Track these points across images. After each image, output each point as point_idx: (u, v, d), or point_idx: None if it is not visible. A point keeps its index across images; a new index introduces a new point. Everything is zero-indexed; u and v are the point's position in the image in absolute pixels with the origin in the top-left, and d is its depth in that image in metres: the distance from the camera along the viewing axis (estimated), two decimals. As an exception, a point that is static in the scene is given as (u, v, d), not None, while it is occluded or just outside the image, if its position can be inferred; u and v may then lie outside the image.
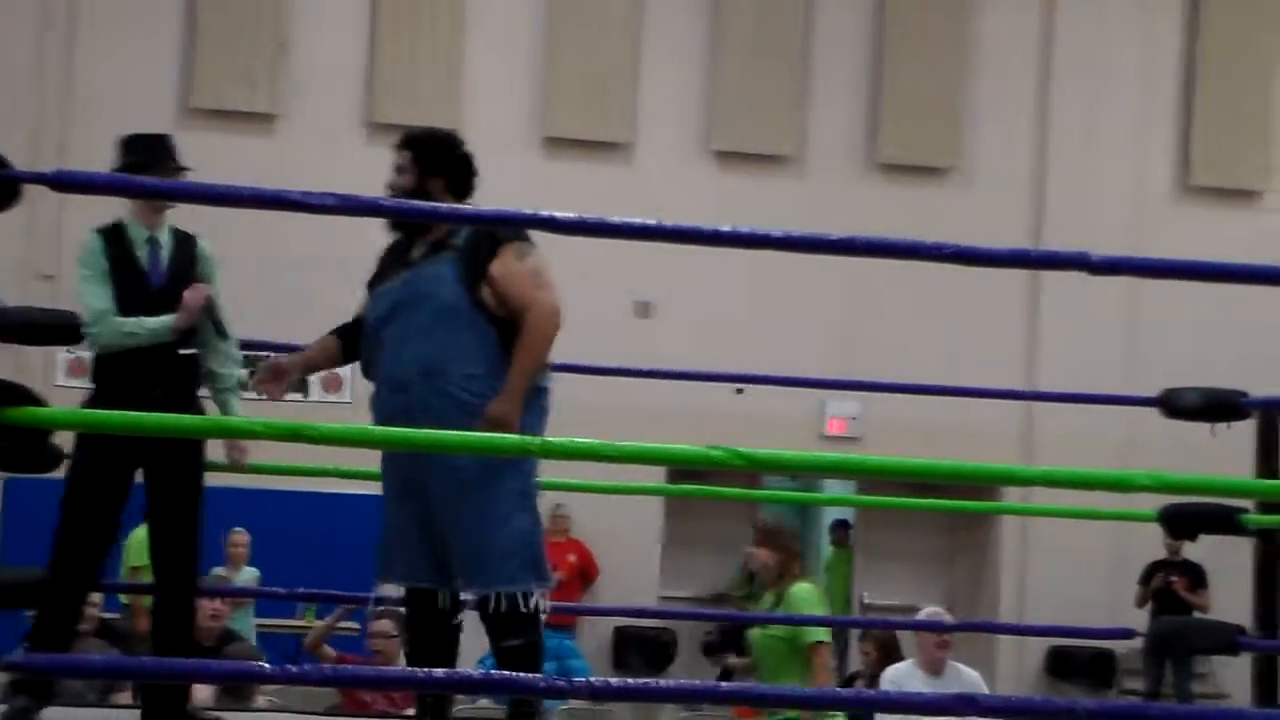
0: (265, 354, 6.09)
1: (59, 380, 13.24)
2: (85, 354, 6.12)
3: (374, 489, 5.98)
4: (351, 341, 5.67)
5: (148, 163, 5.95)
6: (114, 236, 6.00)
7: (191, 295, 5.90)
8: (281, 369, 5.53)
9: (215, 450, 6.18)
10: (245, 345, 6.37)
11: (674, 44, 15.06)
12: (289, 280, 14.10)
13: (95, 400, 5.85)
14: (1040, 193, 15.32)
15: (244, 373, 6.22)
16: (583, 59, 14.85)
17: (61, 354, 13.38)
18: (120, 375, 5.86)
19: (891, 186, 15.14)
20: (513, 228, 5.22)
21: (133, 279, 5.95)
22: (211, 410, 6.13)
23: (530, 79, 14.89)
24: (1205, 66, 15.52)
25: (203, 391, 6.14)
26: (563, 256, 15.08)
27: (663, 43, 15.04)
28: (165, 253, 6.03)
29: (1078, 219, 14.93)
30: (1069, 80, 15.31)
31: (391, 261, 5.57)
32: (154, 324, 5.87)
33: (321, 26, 14.69)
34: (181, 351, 5.95)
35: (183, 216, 6.11)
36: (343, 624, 11.54)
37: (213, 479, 6.14)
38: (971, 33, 15.35)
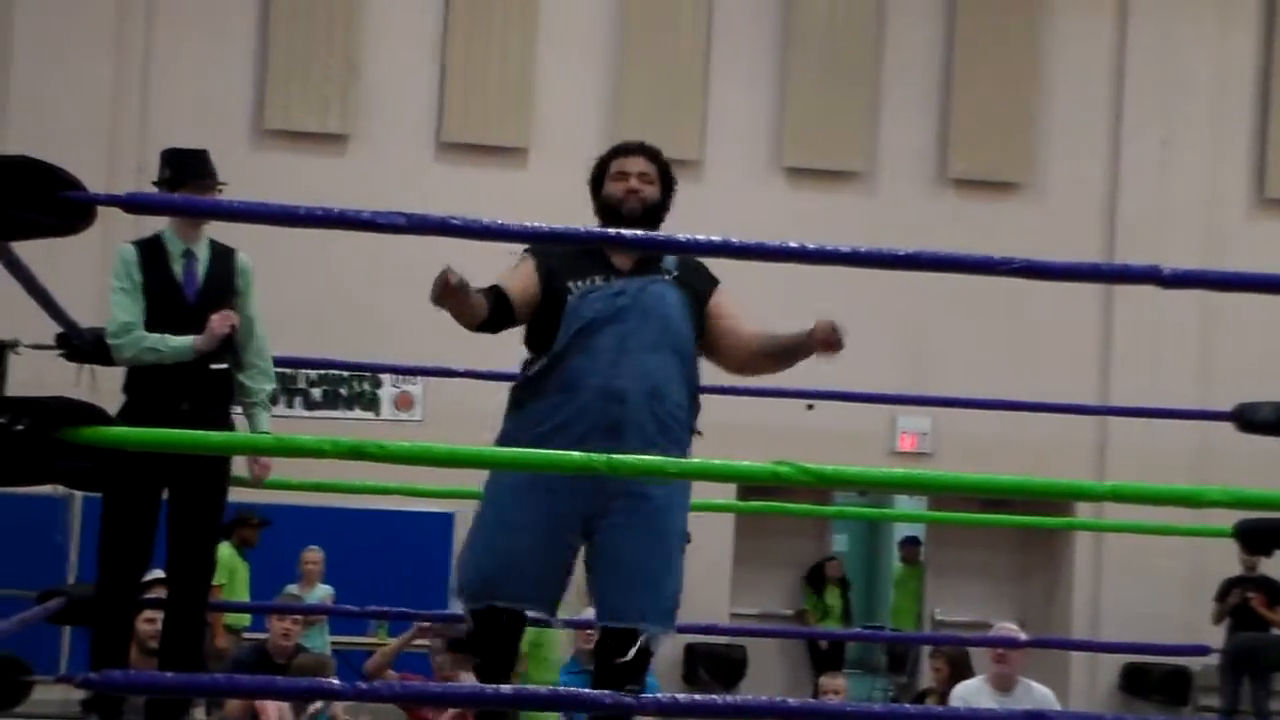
0: (300, 370, 6.12)
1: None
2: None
3: (443, 506, 6.01)
4: (498, 312, 5.18)
5: (184, 178, 5.99)
6: (150, 249, 6.04)
7: (218, 320, 5.90)
8: (449, 286, 4.86)
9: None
10: (279, 362, 6.40)
11: (744, 60, 15.08)
12: (363, 297, 14.19)
13: (125, 413, 5.86)
14: (1113, 207, 15.24)
15: (274, 388, 6.24)
16: (653, 76, 14.90)
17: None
18: (149, 389, 5.89)
19: (963, 202, 15.11)
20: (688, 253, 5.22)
21: (167, 292, 5.98)
22: (241, 426, 6.14)
23: (601, 97, 14.95)
24: (1279, 81, 15.41)
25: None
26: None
27: (733, 59, 15.07)
28: (201, 266, 6.05)
29: (1151, 232, 14.85)
30: (1142, 94, 15.24)
31: (586, 259, 5.22)
32: (177, 343, 5.88)
33: (392, 47, 14.80)
34: (213, 366, 5.95)
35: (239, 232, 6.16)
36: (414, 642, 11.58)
37: (285, 497, 6.19)
38: (1043, 47, 15.30)
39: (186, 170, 6.02)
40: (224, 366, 6.00)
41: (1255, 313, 14.09)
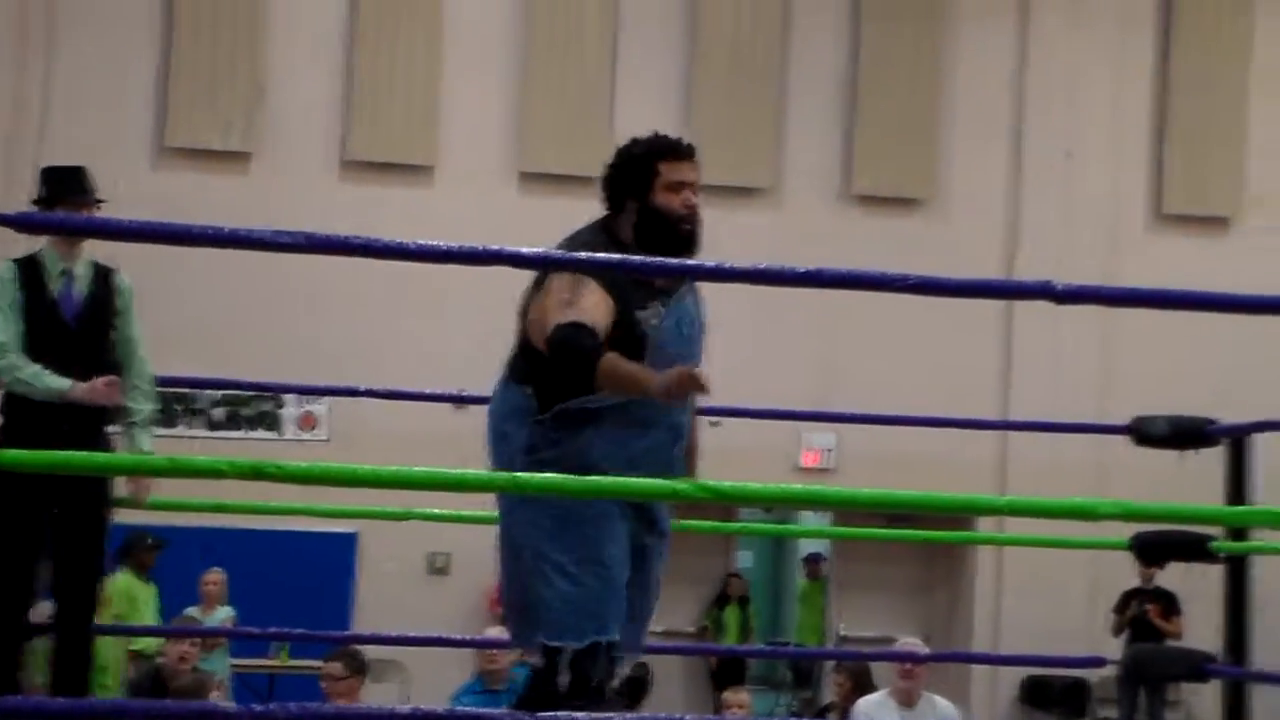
0: (202, 390, 6.04)
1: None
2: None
3: (346, 527, 5.98)
4: None
5: (59, 196, 5.93)
6: (29, 268, 5.96)
7: (105, 389, 5.78)
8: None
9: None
10: (180, 382, 6.35)
11: (649, 78, 15.11)
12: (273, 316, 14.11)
13: (3, 435, 5.80)
14: (1015, 221, 15.38)
15: (155, 408, 6.15)
16: (559, 94, 14.91)
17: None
18: (28, 410, 5.82)
19: (867, 218, 15.21)
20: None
21: (45, 311, 5.91)
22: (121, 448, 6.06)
23: (507, 116, 14.93)
24: (1178, 95, 15.62)
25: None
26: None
27: (638, 77, 15.11)
28: (80, 286, 5.98)
29: (1053, 248, 15.00)
30: (1043, 109, 15.40)
31: (632, 281, 4.69)
32: (52, 383, 5.78)
33: (297, 65, 14.73)
34: None
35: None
36: (301, 662, 11.53)
37: (186, 519, 6.15)
38: (945, 63, 15.43)
39: (62, 188, 5.96)
40: None
41: (1153, 327, 14.29)
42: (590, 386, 4.48)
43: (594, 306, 4.50)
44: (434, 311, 14.34)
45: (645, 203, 4.85)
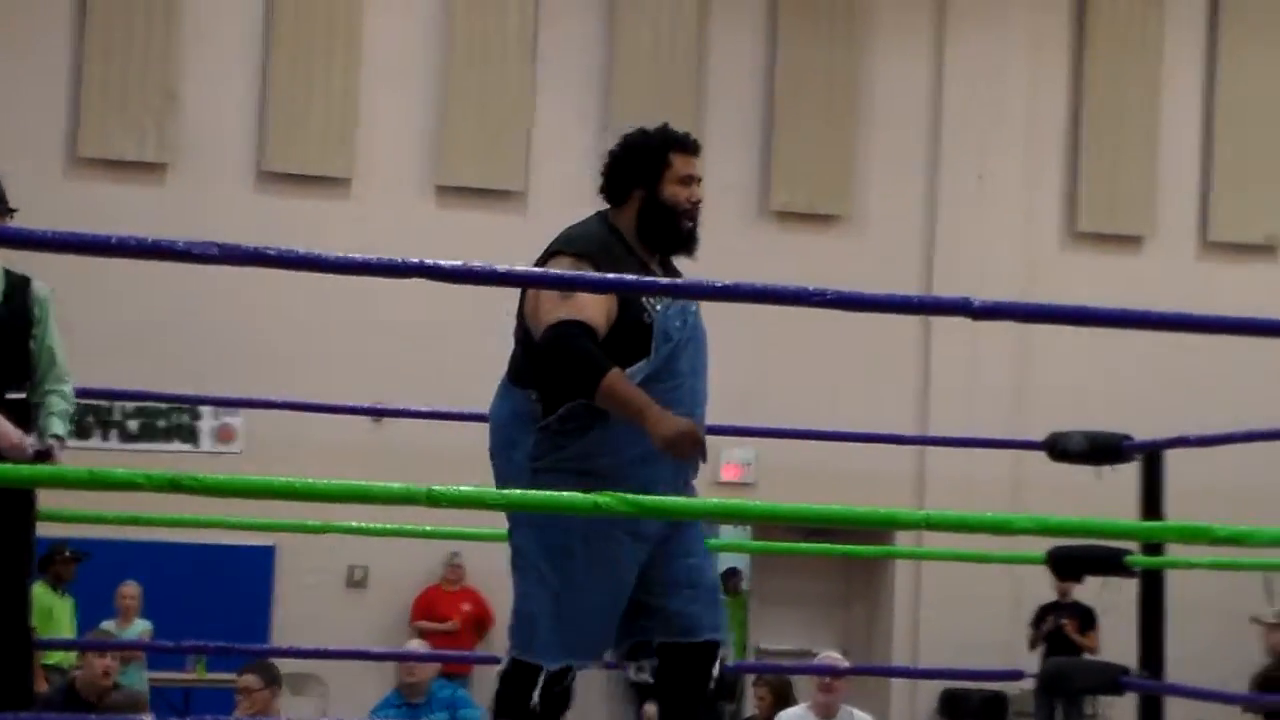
0: (116, 402, 5.94)
1: None
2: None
3: (264, 540, 5.95)
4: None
5: None
6: None
7: (17, 443, 5.65)
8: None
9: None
10: (95, 394, 6.27)
11: (568, 94, 15.11)
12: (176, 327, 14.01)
13: None
14: (931, 239, 15.48)
15: (72, 408, 6.04)
16: (479, 107, 14.87)
17: None
18: None
19: (784, 234, 15.26)
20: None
21: None
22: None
23: (426, 128, 14.89)
24: (1091, 116, 15.77)
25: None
26: (458, 305, 15.17)
27: (557, 93, 15.10)
28: None
29: (969, 265, 15.11)
30: (958, 128, 15.50)
31: (634, 268, 4.67)
32: None
33: (212, 75, 14.63)
34: (9, 396, 5.79)
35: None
36: (218, 676, 11.44)
37: (102, 531, 6.08)
38: (863, 83, 15.51)
39: None
40: (21, 396, 5.83)
41: (1068, 343, 14.45)
42: (587, 393, 4.39)
43: (592, 302, 4.42)
44: (352, 324, 14.27)
45: (653, 193, 4.80)
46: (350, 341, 14.34)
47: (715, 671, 4.74)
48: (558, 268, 4.53)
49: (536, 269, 4.39)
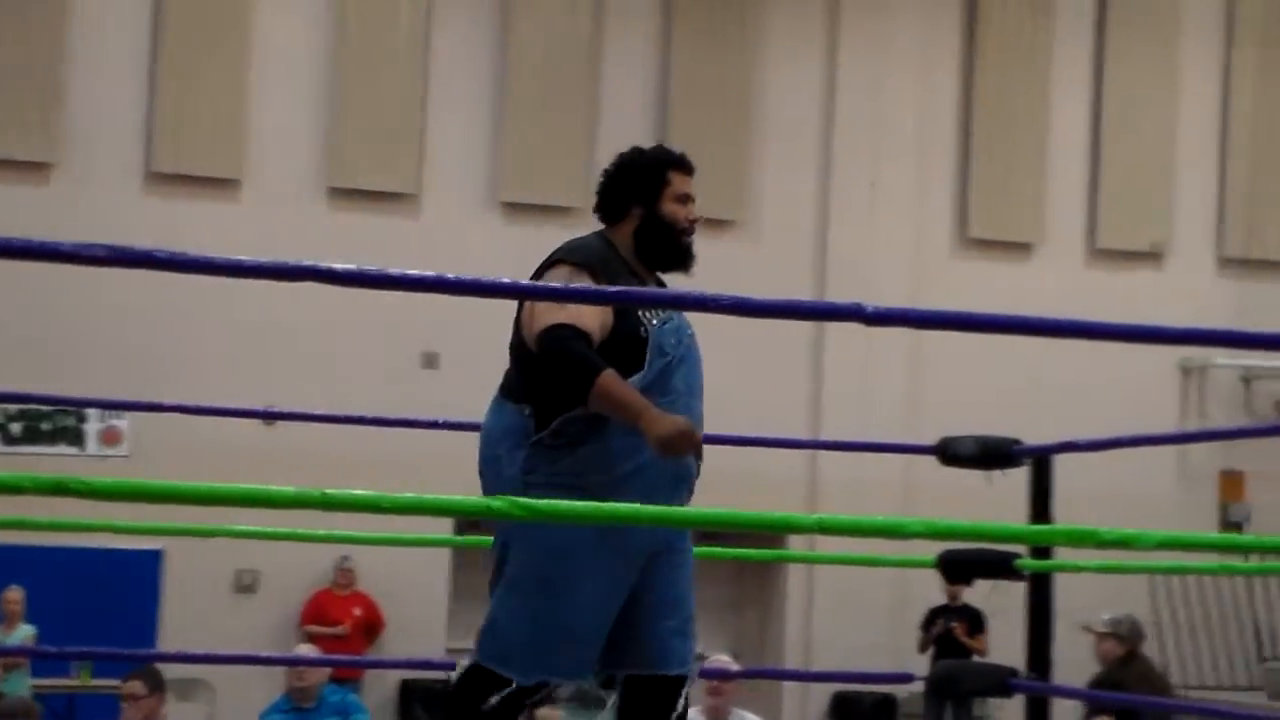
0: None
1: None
2: None
3: (151, 544, 5.88)
4: None
5: None
6: None
7: None
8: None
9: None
10: None
11: (461, 94, 15.06)
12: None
13: None
14: (824, 246, 15.56)
15: None
16: (370, 109, 14.79)
17: None
18: None
19: (679, 238, 15.27)
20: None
21: None
22: None
23: (316, 130, 14.78)
24: (981, 124, 15.92)
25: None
26: (350, 308, 15.09)
27: (450, 93, 15.04)
28: None
29: (861, 271, 15.20)
30: (850, 136, 15.60)
31: (630, 281, 4.73)
32: None
33: (99, 73, 14.43)
34: None
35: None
36: (104, 682, 11.31)
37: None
38: (755, 90, 15.57)
39: None
40: None
41: (959, 349, 14.61)
42: (580, 398, 4.34)
43: (588, 310, 4.41)
44: (241, 327, 14.15)
45: (652, 210, 4.85)
46: (239, 344, 14.22)
47: (679, 706, 4.70)
48: (557, 276, 4.54)
49: (431, 274, 4.34)
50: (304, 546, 12.73)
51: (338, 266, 3.03)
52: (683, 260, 4.88)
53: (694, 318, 5.52)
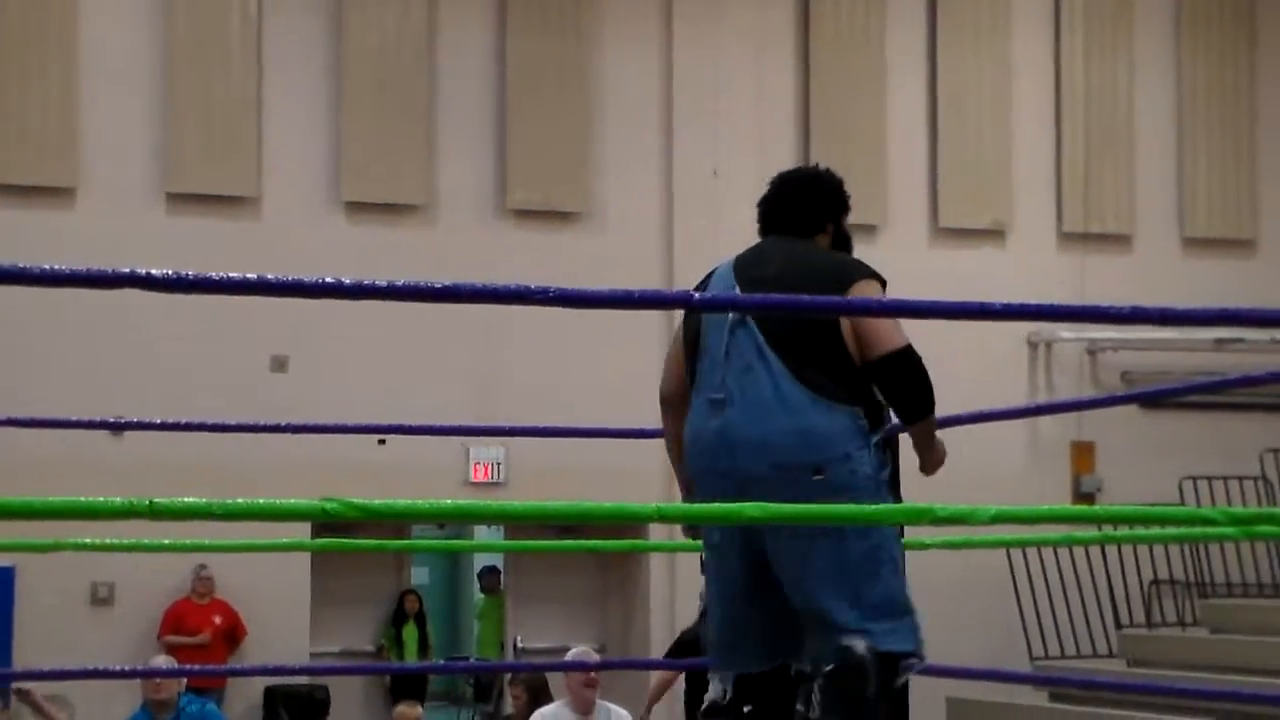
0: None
1: None
2: None
3: (3, 560, 5.78)
4: None
5: None
6: None
7: None
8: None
9: None
10: None
11: (297, 95, 14.90)
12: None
13: None
14: (669, 235, 15.59)
15: None
16: (204, 112, 14.57)
17: None
18: None
19: (522, 232, 15.25)
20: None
21: None
22: None
23: (150, 135, 14.55)
24: (819, 108, 15.99)
25: None
26: (194, 313, 14.89)
27: (285, 94, 14.88)
28: None
29: (708, 260, 15.18)
30: (690, 126, 15.60)
31: None
32: None
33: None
34: None
35: None
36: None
37: None
38: (593, 80, 15.55)
39: None
40: None
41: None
42: (917, 415, 4.90)
43: None
44: (85, 336, 13.94)
45: (839, 226, 5.44)
46: (86, 353, 14.03)
47: (801, 706, 4.80)
48: (871, 292, 5.04)
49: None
50: (160, 556, 12.62)
51: (156, 272, 3.00)
52: None
53: (543, 311, 5.55)
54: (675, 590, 15.30)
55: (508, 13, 15.38)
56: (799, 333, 4.91)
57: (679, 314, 14.85)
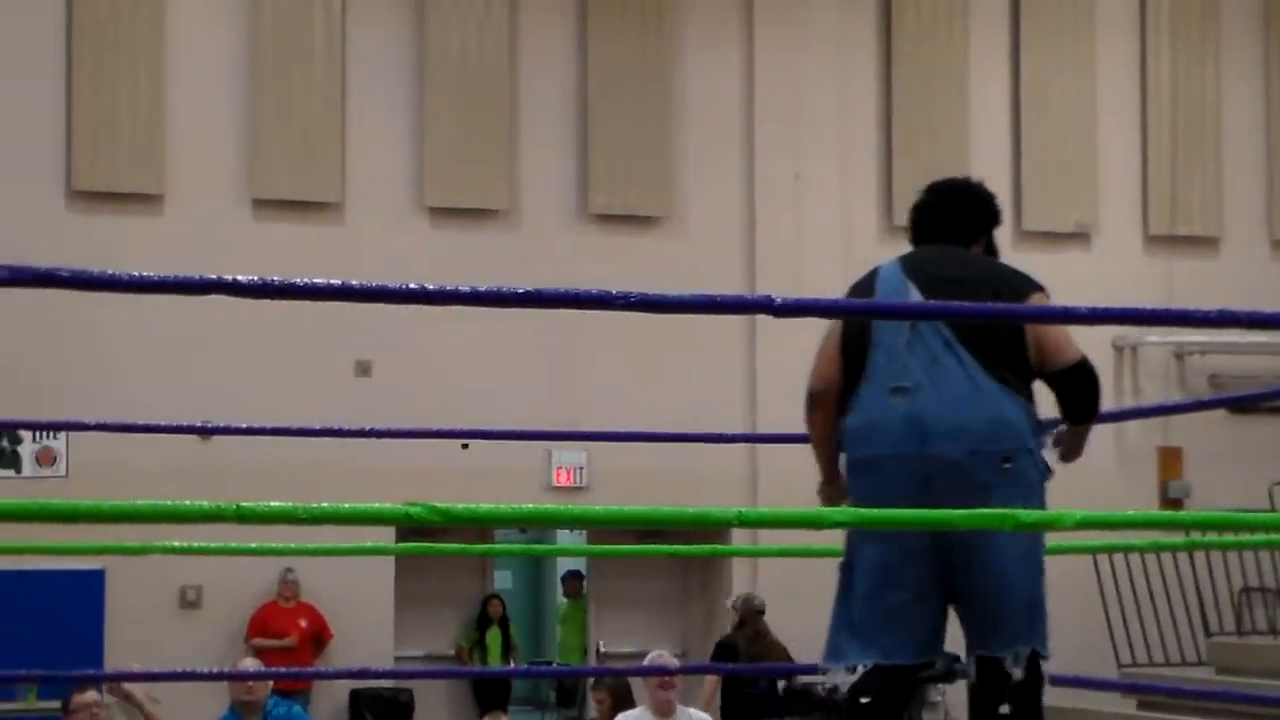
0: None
1: None
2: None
3: (93, 564, 5.85)
4: None
5: None
6: None
7: None
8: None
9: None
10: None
11: (380, 101, 15.00)
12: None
13: None
14: (751, 238, 15.57)
15: None
16: (289, 117, 14.68)
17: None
18: None
19: (604, 236, 15.28)
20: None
21: None
22: None
23: (237, 141, 14.68)
24: (902, 112, 15.94)
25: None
26: (280, 319, 15.05)
27: (369, 98, 14.97)
28: None
29: (790, 263, 15.22)
30: (772, 128, 15.58)
31: None
32: None
33: (15, 93, 14.26)
34: None
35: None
36: (49, 704, 11.24)
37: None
38: (676, 84, 15.56)
39: None
40: None
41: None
42: (1084, 419, 5.22)
43: None
44: (173, 342, 14.08)
45: (990, 238, 5.62)
46: (174, 359, 14.17)
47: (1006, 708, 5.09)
48: (1041, 296, 5.23)
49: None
50: (247, 560, 12.72)
51: (243, 278, 3.03)
52: None
53: (624, 316, 5.54)
54: (757, 593, 15.27)
55: (589, 16, 15.42)
56: (987, 331, 5.09)
57: (762, 319, 14.84)
